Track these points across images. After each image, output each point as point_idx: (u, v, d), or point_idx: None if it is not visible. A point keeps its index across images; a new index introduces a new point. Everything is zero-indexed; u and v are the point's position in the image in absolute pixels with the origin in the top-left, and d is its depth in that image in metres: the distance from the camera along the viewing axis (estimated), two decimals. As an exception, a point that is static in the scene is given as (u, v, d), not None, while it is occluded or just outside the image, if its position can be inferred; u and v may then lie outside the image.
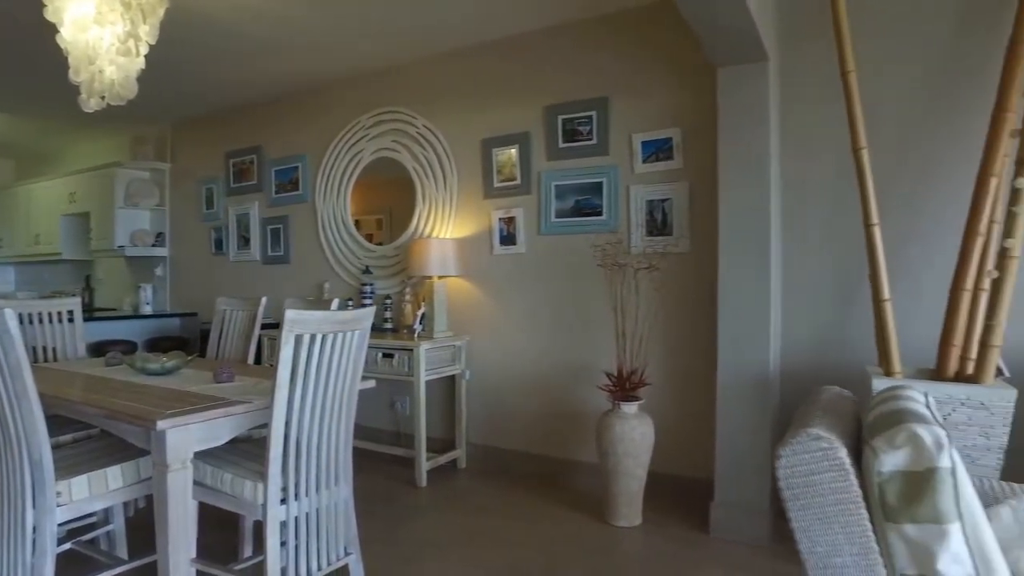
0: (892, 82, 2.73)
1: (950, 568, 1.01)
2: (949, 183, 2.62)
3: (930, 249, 2.66)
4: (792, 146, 2.93)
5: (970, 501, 1.03)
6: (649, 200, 3.27)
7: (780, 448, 1.13)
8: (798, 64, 2.91)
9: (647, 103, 3.30)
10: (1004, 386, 2.12)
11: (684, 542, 2.80)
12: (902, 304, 2.71)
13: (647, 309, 3.27)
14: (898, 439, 1.07)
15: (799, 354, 2.93)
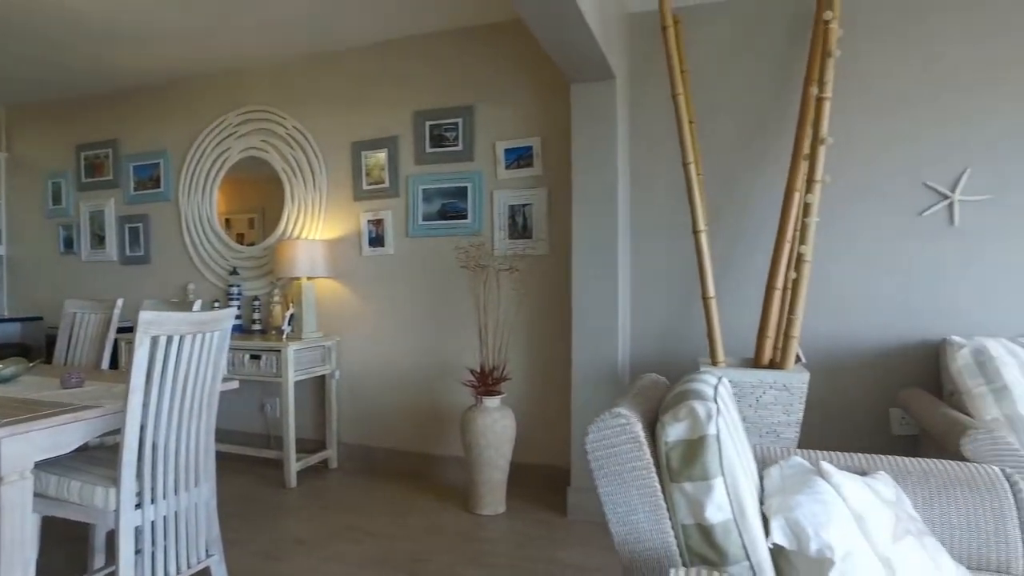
0: (723, 106, 3.10)
1: (715, 514, 1.24)
2: (770, 194, 3.02)
3: (754, 252, 3.04)
4: (640, 157, 3.24)
5: (731, 460, 1.27)
6: (511, 205, 3.47)
7: (588, 426, 1.32)
8: (644, 83, 3.22)
9: (510, 113, 3.50)
10: (801, 370, 2.49)
11: (544, 525, 3.01)
12: (734, 301, 3.08)
13: (508, 308, 3.47)
14: (680, 413, 1.29)
15: (646, 347, 3.23)
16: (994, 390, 2.27)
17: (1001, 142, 2.79)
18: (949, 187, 2.84)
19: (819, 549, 1.28)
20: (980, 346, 2.36)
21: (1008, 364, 2.29)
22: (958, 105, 2.83)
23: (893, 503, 1.58)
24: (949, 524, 1.65)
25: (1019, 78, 2.77)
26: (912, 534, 1.52)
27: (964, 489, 1.66)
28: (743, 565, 1.26)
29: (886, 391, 2.91)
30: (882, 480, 1.66)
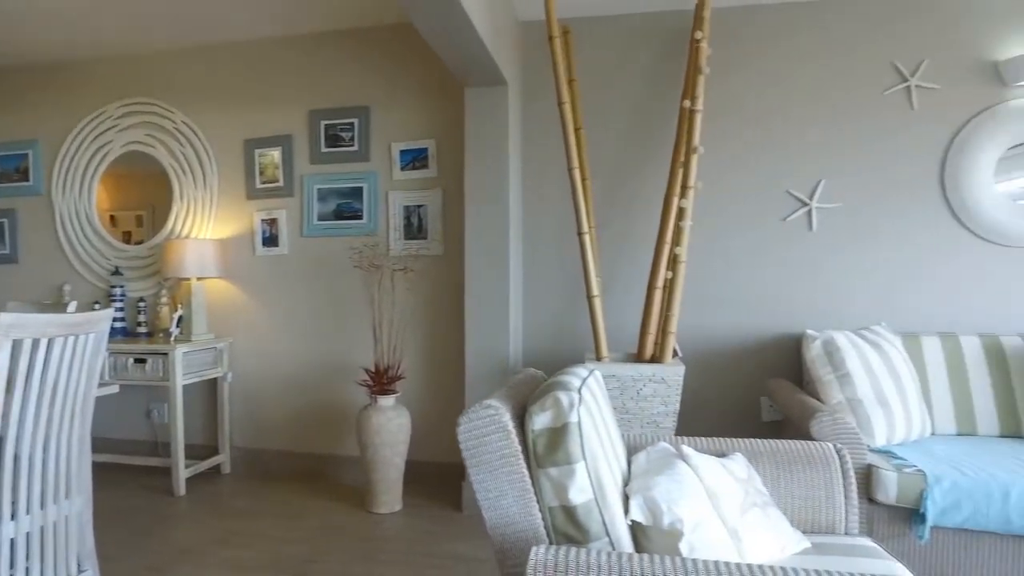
0: (611, 114, 3.27)
1: (577, 496, 1.34)
2: (654, 198, 3.21)
3: (639, 253, 3.23)
4: (532, 161, 3.35)
5: (592, 446, 1.37)
6: (406, 206, 3.50)
7: (460, 418, 1.39)
8: (537, 89, 3.34)
9: (405, 114, 3.53)
10: (677, 364, 2.67)
11: (440, 521, 3.06)
12: (622, 299, 3.25)
13: (403, 308, 3.50)
14: (546, 404, 1.39)
15: (538, 343, 3.35)
16: (839, 377, 2.53)
17: (849, 156, 3.10)
18: (808, 195, 3.13)
19: (671, 523, 1.41)
20: (829, 338, 2.62)
21: (851, 354, 2.56)
22: (814, 121, 3.13)
23: (744, 480, 1.75)
24: (791, 495, 1.84)
25: (864, 100, 3.09)
26: (758, 506, 1.68)
27: (804, 464, 1.86)
28: (604, 541, 1.37)
29: (756, 381, 3.16)
30: (736, 460, 1.83)
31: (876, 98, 3.10)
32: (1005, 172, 3.03)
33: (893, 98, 3.09)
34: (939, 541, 2.25)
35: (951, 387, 2.78)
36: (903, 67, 3.07)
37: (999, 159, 3.01)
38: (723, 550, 1.46)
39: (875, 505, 2.29)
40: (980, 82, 3.03)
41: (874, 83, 3.10)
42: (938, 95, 3.05)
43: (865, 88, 3.10)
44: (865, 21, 3.10)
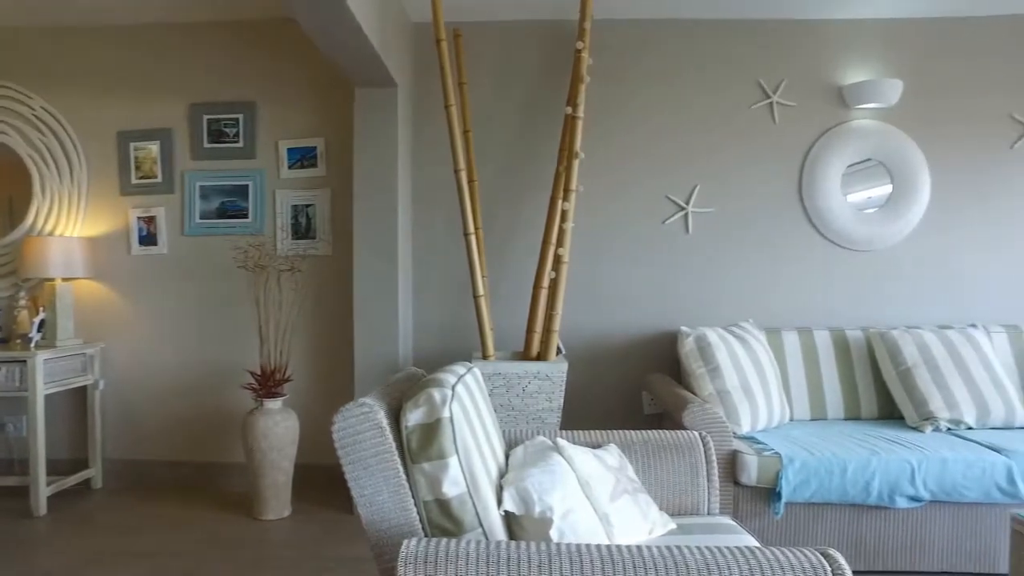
0: (501, 117, 3.35)
1: (451, 489, 1.38)
2: (540, 200, 3.31)
3: (528, 254, 3.32)
4: (423, 162, 3.37)
5: (465, 440, 1.42)
6: (294, 205, 3.43)
7: (334, 416, 1.40)
8: (428, 91, 3.35)
9: (294, 112, 3.45)
10: (561, 361, 2.78)
11: (330, 524, 3.02)
12: (512, 299, 3.33)
13: (290, 309, 3.43)
14: (420, 400, 1.42)
15: (429, 343, 3.38)
16: (710, 370, 2.72)
17: (721, 164, 3.34)
18: (685, 200, 3.34)
19: (542, 511, 1.48)
20: (701, 334, 2.81)
21: (720, 349, 2.76)
22: (690, 130, 3.34)
23: (616, 469, 1.86)
24: (660, 481, 1.97)
25: (734, 112, 3.34)
26: (628, 492, 1.79)
27: (672, 452, 2.00)
28: (477, 532, 1.42)
29: (637, 376, 3.34)
30: (610, 451, 1.94)
31: (744, 111, 3.35)
32: (849, 185, 3.36)
33: (758, 112, 3.35)
34: (792, 515, 2.47)
35: (807, 377, 3.06)
36: (766, 85, 3.34)
37: (843, 173, 3.34)
38: (593, 535, 1.54)
39: (740, 487, 2.49)
40: (829, 103, 3.35)
41: (742, 97, 3.35)
42: (795, 112, 3.35)
43: (735, 101, 3.35)
44: (734, 40, 3.35)
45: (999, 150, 3.39)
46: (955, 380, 2.82)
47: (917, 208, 3.36)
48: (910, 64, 3.36)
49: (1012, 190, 3.39)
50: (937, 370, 2.84)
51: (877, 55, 3.37)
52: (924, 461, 2.44)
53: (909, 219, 3.37)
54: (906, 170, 3.35)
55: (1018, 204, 3.40)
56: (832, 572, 1.17)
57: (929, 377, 2.83)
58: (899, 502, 2.44)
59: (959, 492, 2.43)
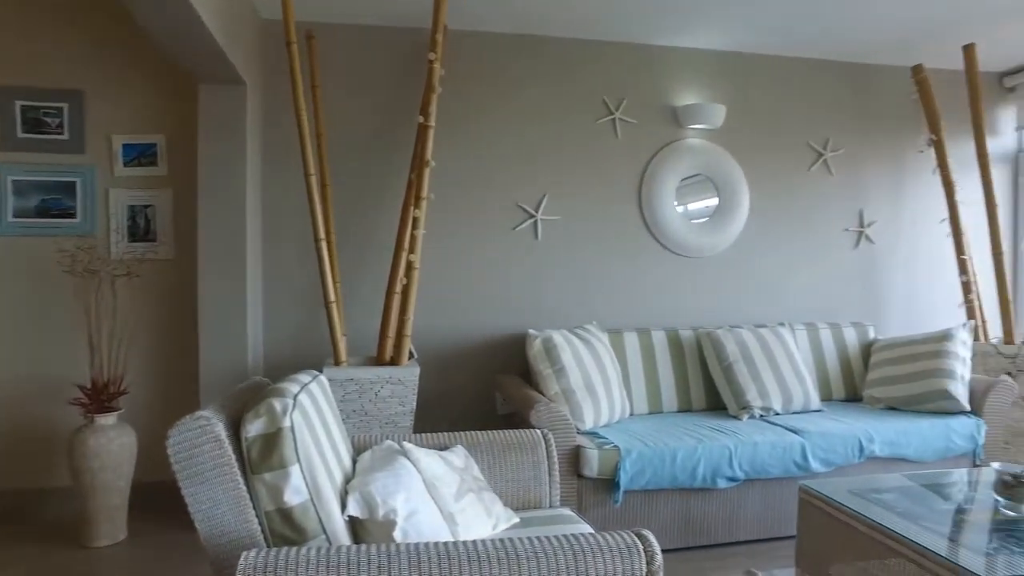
0: (356, 121, 3.33)
1: (293, 498, 1.40)
2: (395, 207, 3.32)
3: (381, 260, 3.32)
4: (274, 164, 3.28)
5: (307, 449, 1.44)
6: (131, 205, 3.21)
7: (169, 431, 1.37)
8: (281, 92, 3.25)
9: (130, 105, 3.22)
10: (413, 365, 2.83)
11: (170, 546, 2.85)
12: (366, 304, 3.32)
13: (127, 316, 3.20)
14: (261, 410, 1.42)
15: (280, 351, 3.29)
16: (556, 371, 2.89)
17: (568, 174, 3.55)
18: (534, 208, 3.51)
19: (385, 514, 1.53)
20: (548, 336, 2.97)
21: (565, 350, 2.93)
22: (540, 141, 3.52)
23: (462, 469, 1.94)
24: (505, 478, 2.08)
25: (580, 126, 3.56)
26: (473, 491, 1.88)
27: (517, 450, 2.12)
28: (321, 538, 1.44)
29: (490, 377, 3.45)
30: (456, 452, 2.02)
31: (590, 125, 3.58)
32: (682, 197, 3.70)
33: (603, 127, 3.60)
34: (630, 502, 2.69)
35: (645, 374, 3.33)
36: (610, 102, 3.60)
37: (677, 187, 3.67)
38: (438, 534, 1.61)
39: (583, 479, 2.67)
40: (665, 121, 3.67)
41: (588, 112, 3.58)
42: (636, 128, 3.63)
43: (581, 115, 3.57)
44: (581, 59, 3.57)
45: (800, 172, 3.89)
46: (767, 373, 3.19)
47: (739, 220, 3.77)
48: (732, 92, 3.76)
49: (811, 207, 3.90)
50: (753, 364, 3.21)
51: (706, 81, 3.73)
52: (740, 446, 2.75)
53: (732, 230, 3.76)
54: (730, 186, 3.74)
55: (815, 219, 3.91)
56: (644, 550, 1.32)
57: (746, 371, 3.19)
58: (720, 483, 2.73)
59: (766, 470, 2.77)
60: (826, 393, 3.51)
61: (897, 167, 4.07)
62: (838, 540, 2.05)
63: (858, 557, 1.95)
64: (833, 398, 3.53)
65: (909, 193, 4.09)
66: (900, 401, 3.26)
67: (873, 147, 4.02)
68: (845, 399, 3.55)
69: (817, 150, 3.90)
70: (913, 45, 3.70)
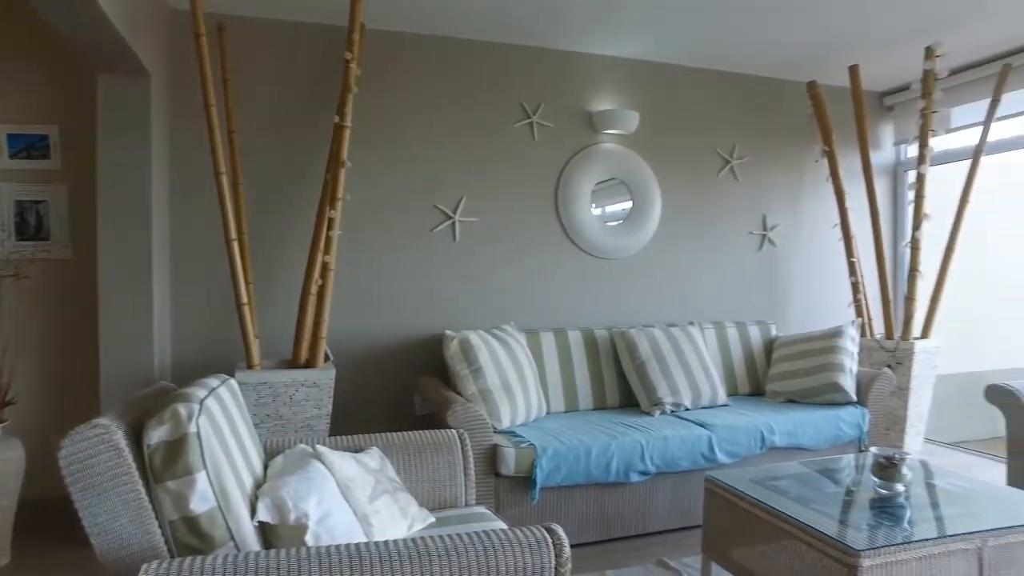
0: (272, 119, 3.24)
1: (199, 505, 1.36)
2: (311, 207, 3.26)
3: (297, 260, 3.25)
4: (183, 160, 3.14)
5: (215, 454, 1.40)
6: (19, 200, 3.00)
7: (62, 441, 1.30)
8: (190, 85, 3.12)
9: (15, 92, 3.01)
10: (329, 367, 2.79)
11: (64, 567, 2.67)
12: (281, 306, 3.24)
13: (14, 320, 2.99)
14: (164, 417, 1.37)
15: (191, 355, 3.16)
16: (473, 371, 2.91)
17: (486, 176, 3.59)
18: (452, 209, 3.52)
19: (297, 518, 1.51)
20: (465, 337, 2.99)
21: (483, 350, 2.97)
22: (458, 143, 3.54)
23: (377, 471, 1.94)
24: (421, 478, 2.09)
25: (498, 129, 3.60)
26: (388, 492, 1.88)
27: (433, 450, 2.13)
28: (229, 546, 1.40)
29: (409, 379, 3.44)
30: (371, 453, 2.01)
31: (508, 129, 3.63)
32: (597, 200, 3.81)
33: (520, 131, 3.66)
34: (546, 499, 2.75)
35: (561, 373, 3.40)
36: (528, 106, 3.66)
37: (592, 190, 3.78)
38: (352, 536, 1.60)
39: (501, 478, 2.70)
40: (581, 126, 3.77)
41: (506, 116, 3.63)
42: (553, 132, 3.71)
43: (499, 119, 3.61)
44: (499, 62, 3.61)
45: (709, 178, 4.09)
46: (677, 370, 3.34)
47: (651, 223, 3.91)
48: (646, 99, 3.90)
49: (718, 211, 4.11)
50: (664, 362, 3.34)
51: (621, 88, 3.86)
52: (651, 440, 2.86)
53: (645, 232, 3.91)
54: (643, 190, 3.88)
55: (723, 222, 4.12)
56: (553, 543, 1.37)
57: (658, 368, 3.32)
58: (633, 477, 2.83)
59: (676, 463, 2.89)
60: (732, 388, 3.70)
61: (796, 175, 4.34)
62: (740, 526, 2.17)
63: (758, 541, 2.08)
64: (739, 393, 3.72)
65: (807, 200, 4.37)
66: (797, 394, 3.48)
67: (775, 156, 4.27)
68: (750, 393, 3.75)
69: (724, 157, 4.10)
70: (808, 63, 3.96)
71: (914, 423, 3.85)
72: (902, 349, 3.78)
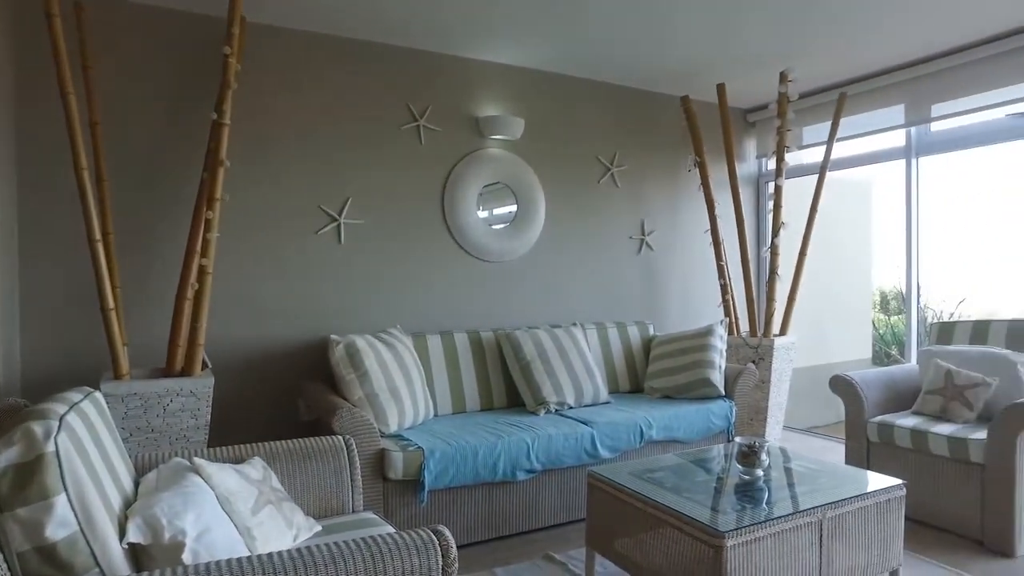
0: (144, 111, 3.02)
1: (58, 532, 1.26)
2: (187, 207, 3.08)
3: (171, 263, 3.06)
4: (34, 154, 2.86)
5: (77, 474, 1.31)
6: None
7: None
8: (43, 71, 2.84)
9: None
10: (207, 375, 2.65)
11: None
12: (154, 311, 3.04)
13: None
14: (14, 437, 1.26)
15: (45, 365, 2.89)
16: (359, 376, 2.88)
17: (373, 178, 3.54)
18: (338, 211, 3.45)
19: (172, 536, 1.44)
20: (350, 341, 2.95)
21: (369, 354, 2.93)
22: (344, 143, 3.47)
23: (259, 481, 1.87)
24: (306, 487, 2.04)
25: (385, 131, 3.57)
26: (273, 503, 1.83)
27: (318, 458, 2.09)
28: (93, 572, 1.31)
29: (294, 385, 3.33)
30: (254, 464, 1.94)
31: (395, 131, 3.61)
32: (483, 204, 3.87)
33: (408, 133, 3.64)
34: (435, 501, 2.77)
35: (448, 376, 3.42)
36: (415, 108, 3.65)
37: (479, 193, 3.83)
38: (234, 550, 1.55)
39: (389, 482, 2.69)
40: (468, 131, 3.81)
41: (393, 118, 3.60)
42: (440, 136, 3.72)
43: (386, 120, 3.58)
44: (387, 64, 3.58)
45: (591, 184, 4.26)
46: (561, 369, 3.45)
47: (536, 227, 4.02)
48: (531, 106, 4.00)
49: (599, 216, 4.29)
50: (548, 362, 3.45)
51: (507, 95, 3.94)
52: (537, 439, 2.95)
53: (531, 236, 4.01)
54: (528, 194, 3.98)
55: (604, 227, 4.31)
56: (439, 545, 1.39)
57: (543, 368, 3.42)
58: (520, 475, 2.91)
59: (561, 460, 3.00)
60: (614, 386, 3.88)
61: (672, 183, 4.61)
62: (621, 517, 2.29)
63: (637, 530, 2.21)
64: (620, 390, 3.91)
65: (681, 206, 4.65)
66: (673, 390, 3.71)
67: (652, 164, 4.52)
68: (630, 391, 3.94)
69: (605, 165, 4.29)
70: (682, 79, 4.23)
71: (774, 412, 4.21)
72: (764, 346, 4.12)
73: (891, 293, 7.33)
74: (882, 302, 7.67)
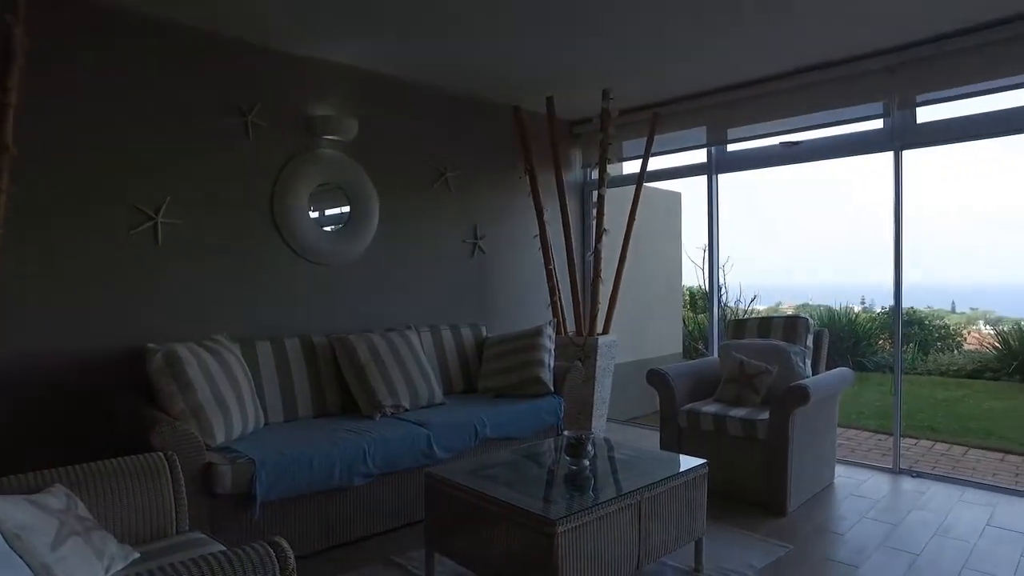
0: None
1: None
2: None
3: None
4: None
5: None
6: None
7: None
8: None
9: None
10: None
11: None
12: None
13: None
14: None
15: None
16: (181, 387, 2.67)
17: (195, 176, 3.29)
18: (154, 210, 3.16)
19: (-48, 581, 1.26)
20: (171, 350, 2.73)
21: (192, 364, 2.73)
22: (162, 139, 3.19)
23: (62, 511, 1.69)
24: (121, 511, 1.87)
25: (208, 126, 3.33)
26: (79, 534, 1.65)
27: (136, 478, 1.92)
28: None
29: (106, 400, 2.97)
30: (54, 492, 1.74)
31: (220, 126, 3.38)
32: (315, 203, 3.76)
33: (234, 129, 3.43)
34: (269, 514, 2.64)
35: (279, 383, 3.29)
36: (242, 104, 3.44)
37: (311, 193, 3.71)
38: (30, 590, 1.39)
39: (218, 498, 2.52)
40: (299, 130, 3.68)
41: (219, 113, 3.37)
42: (270, 133, 3.55)
43: (211, 115, 3.34)
44: (213, 53, 3.33)
45: (425, 188, 4.30)
46: (396, 373, 3.45)
47: (370, 230, 3.98)
48: (366, 108, 3.95)
49: (433, 220, 4.35)
50: (383, 365, 3.43)
51: (341, 95, 3.85)
52: (373, 443, 2.93)
53: (364, 239, 3.95)
54: (361, 197, 3.92)
55: (438, 231, 4.38)
56: (277, 557, 1.36)
57: (377, 372, 3.40)
58: (356, 480, 2.87)
59: (398, 463, 3.00)
60: (448, 387, 3.95)
61: (504, 189, 4.78)
62: (459, 515, 2.35)
63: (476, 526, 2.28)
64: (454, 391, 3.98)
65: (513, 212, 4.84)
66: (505, 389, 3.85)
67: (486, 170, 4.66)
68: (464, 391, 4.03)
69: (439, 170, 4.35)
70: (514, 90, 4.41)
71: (599, 406, 4.53)
72: (589, 344, 4.42)
73: (699, 292, 8.20)
74: (691, 301, 8.56)
